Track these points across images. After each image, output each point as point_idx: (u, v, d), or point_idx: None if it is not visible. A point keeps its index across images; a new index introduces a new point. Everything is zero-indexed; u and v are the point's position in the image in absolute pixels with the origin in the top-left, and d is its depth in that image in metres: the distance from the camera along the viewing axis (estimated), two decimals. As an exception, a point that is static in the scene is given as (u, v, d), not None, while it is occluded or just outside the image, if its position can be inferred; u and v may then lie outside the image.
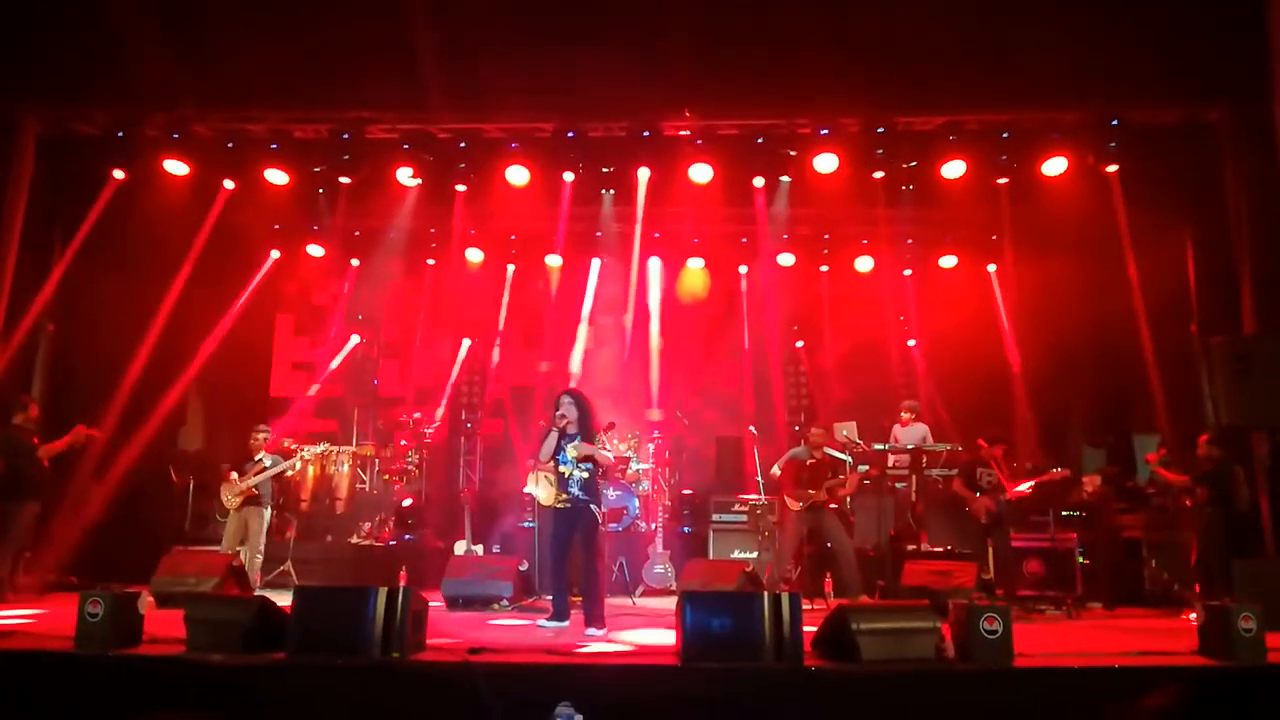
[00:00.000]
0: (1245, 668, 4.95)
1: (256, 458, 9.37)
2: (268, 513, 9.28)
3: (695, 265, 13.10)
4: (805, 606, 5.29)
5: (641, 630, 6.97)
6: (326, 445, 10.63)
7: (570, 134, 9.96)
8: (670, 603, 6.76)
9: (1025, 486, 8.78)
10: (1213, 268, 9.52)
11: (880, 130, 9.72)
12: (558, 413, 7.09)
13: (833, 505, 9.16)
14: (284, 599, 5.19)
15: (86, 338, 10.42)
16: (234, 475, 9.25)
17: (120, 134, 9.85)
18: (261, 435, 9.51)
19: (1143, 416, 10.47)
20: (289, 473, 9.84)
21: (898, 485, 10.52)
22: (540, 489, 9.24)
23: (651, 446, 11.46)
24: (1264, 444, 8.66)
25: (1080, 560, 9.08)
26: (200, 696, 4.58)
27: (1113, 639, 6.68)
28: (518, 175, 10.30)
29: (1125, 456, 10.95)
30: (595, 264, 13.04)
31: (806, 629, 5.00)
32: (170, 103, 9.53)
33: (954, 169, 9.94)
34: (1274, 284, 8.63)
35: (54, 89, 9.37)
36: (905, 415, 11.14)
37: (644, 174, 10.55)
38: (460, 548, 9.83)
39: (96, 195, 10.26)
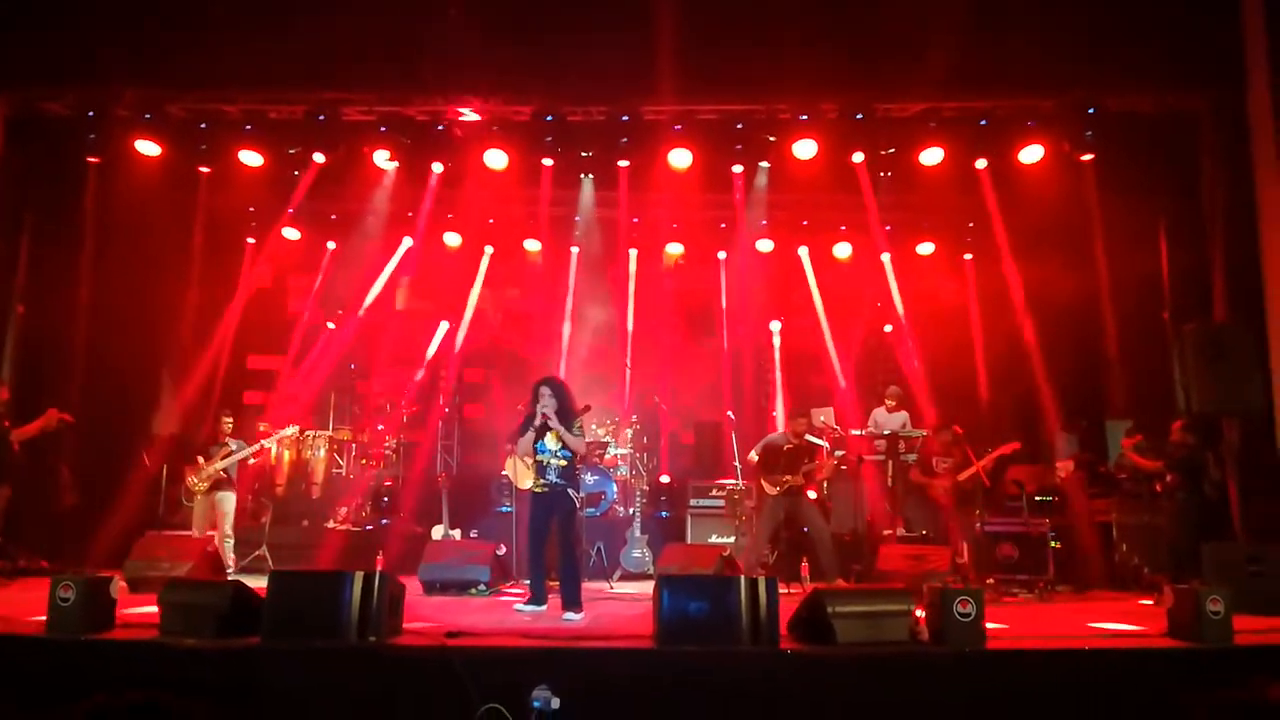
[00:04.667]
0: (1213, 649, 5.03)
1: (223, 442, 9.35)
2: (234, 496, 9.29)
3: (674, 250, 13.08)
4: (781, 590, 5.31)
5: (619, 614, 7.00)
6: (295, 428, 10.54)
7: (549, 118, 9.90)
8: (647, 587, 6.76)
9: (985, 462, 9.00)
10: (1186, 256, 9.61)
11: (859, 116, 9.72)
12: (538, 403, 7.06)
13: (809, 490, 9.23)
14: (259, 584, 5.16)
15: (57, 320, 10.27)
16: (200, 459, 9.23)
17: (91, 114, 9.69)
18: (228, 421, 9.50)
19: (1115, 403, 10.58)
20: (252, 460, 9.74)
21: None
22: (517, 473, 9.22)
23: (630, 431, 11.46)
24: (1234, 430, 8.78)
25: (1052, 544, 9.19)
26: (174, 681, 4.55)
27: (1083, 622, 6.76)
28: (496, 159, 10.23)
29: (1098, 442, 11.06)
30: (574, 250, 13.01)
31: (782, 612, 5.04)
32: (142, 82, 9.38)
33: (932, 156, 9.97)
34: (1246, 272, 8.72)
35: (23, 69, 9.20)
36: (889, 401, 11.18)
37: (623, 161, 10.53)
38: (437, 532, 9.81)
39: (67, 177, 10.12)
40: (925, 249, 12.66)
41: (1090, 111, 9.50)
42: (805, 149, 9.92)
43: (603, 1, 9.14)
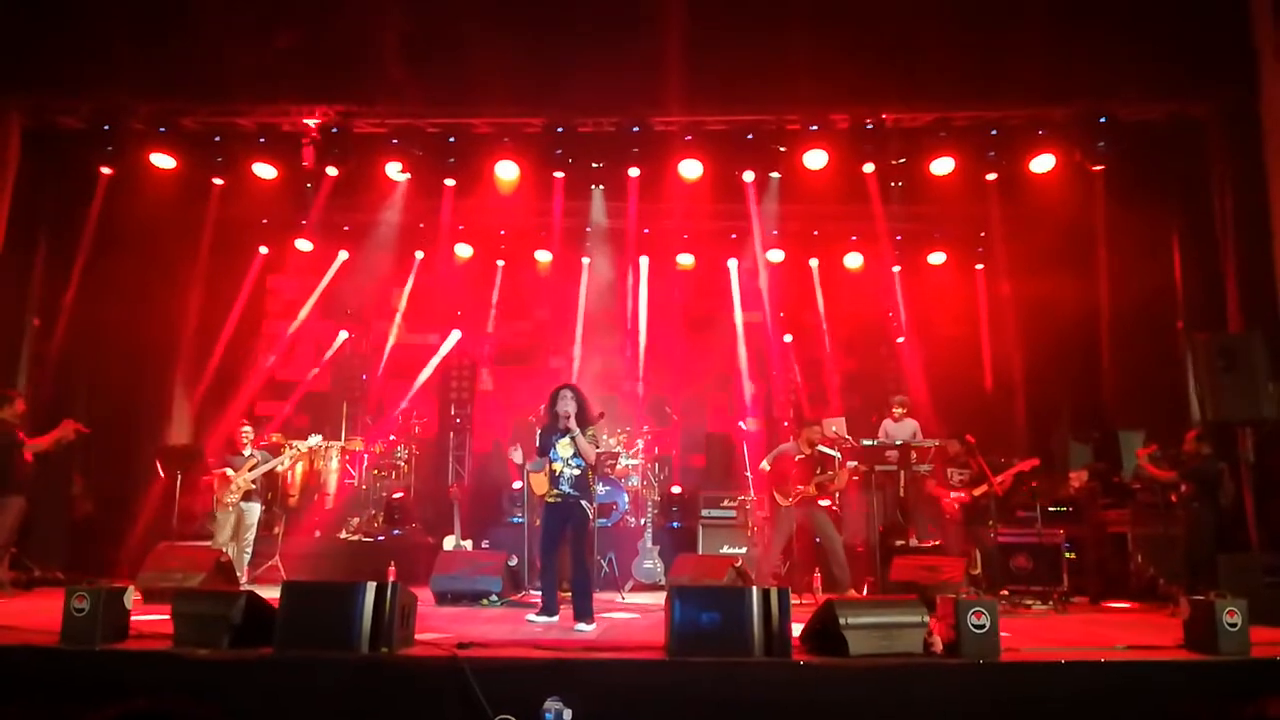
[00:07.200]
0: (1230, 661, 4.99)
1: (246, 454, 9.38)
2: (259, 507, 9.35)
3: (685, 261, 13.10)
4: (794, 601, 5.29)
5: (630, 625, 6.98)
6: (319, 439, 10.60)
7: (559, 129, 9.92)
8: (659, 598, 6.76)
9: (1004, 478, 8.96)
10: (1199, 264, 9.56)
11: (869, 126, 9.70)
12: (557, 407, 7.06)
13: (822, 501, 9.20)
14: (272, 594, 5.17)
15: (71, 331, 10.35)
16: (229, 472, 9.26)
17: (106, 127, 9.73)
18: (248, 431, 9.53)
19: (1129, 413, 10.52)
20: (279, 468, 9.80)
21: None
22: (532, 480, 9.23)
23: (641, 442, 11.46)
24: (1248, 440, 8.71)
25: (1067, 555, 9.14)
26: (187, 691, 4.57)
27: (1099, 633, 6.72)
28: (507, 170, 10.26)
29: (1111, 452, 11.00)
30: (585, 261, 13.05)
31: (795, 624, 5.02)
32: (156, 95, 9.45)
33: (943, 166, 9.95)
34: (1259, 281, 8.68)
35: (39, 81, 9.29)
36: (897, 411, 11.18)
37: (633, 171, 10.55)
38: (449, 543, 9.82)
39: (81, 189, 10.19)
40: (937, 259, 12.64)
41: (1101, 121, 9.46)
42: (816, 159, 9.92)
43: (612, 13, 9.16)
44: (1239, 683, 4.81)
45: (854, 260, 12.78)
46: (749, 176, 10.69)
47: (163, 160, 10.02)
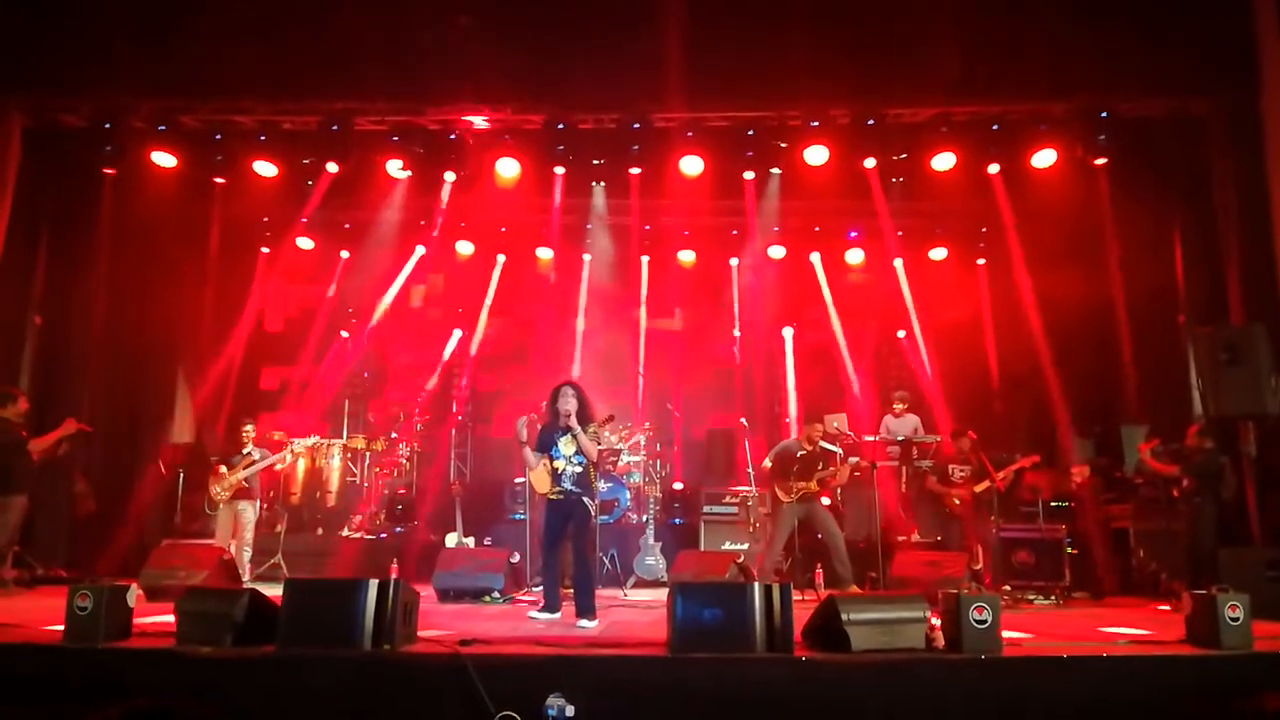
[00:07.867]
0: (1232, 656, 4.99)
1: (245, 451, 9.39)
2: (257, 505, 9.34)
3: (686, 257, 13.10)
4: (796, 598, 5.29)
5: (632, 621, 6.99)
6: (317, 438, 10.61)
7: (560, 125, 9.91)
8: (661, 594, 6.77)
9: (1004, 474, 8.99)
10: (1201, 259, 9.55)
11: (870, 122, 9.68)
12: (558, 405, 7.06)
13: (824, 497, 9.20)
14: (275, 592, 5.18)
15: (73, 331, 10.36)
16: (223, 469, 9.26)
17: (107, 125, 9.72)
18: (249, 429, 9.54)
19: (1131, 407, 10.52)
20: (279, 466, 9.81)
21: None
22: (535, 477, 9.24)
23: (643, 438, 11.46)
24: (1250, 434, 8.71)
25: (1069, 550, 9.14)
26: (190, 689, 4.57)
27: (1100, 628, 6.72)
28: (507, 167, 10.26)
29: (1113, 447, 11.00)
30: (586, 257, 13.05)
31: (797, 619, 5.03)
32: (157, 93, 9.45)
33: (944, 161, 9.94)
34: (1261, 275, 8.66)
35: (40, 80, 9.29)
36: (898, 406, 11.20)
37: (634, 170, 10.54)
38: (451, 540, 9.83)
39: (83, 187, 10.20)
40: (938, 254, 12.63)
41: (1103, 116, 9.45)
42: (817, 155, 9.90)
43: (613, 9, 9.16)
44: (1241, 677, 4.82)
45: (855, 256, 12.78)
46: (749, 174, 10.67)
47: (164, 159, 10.03)
